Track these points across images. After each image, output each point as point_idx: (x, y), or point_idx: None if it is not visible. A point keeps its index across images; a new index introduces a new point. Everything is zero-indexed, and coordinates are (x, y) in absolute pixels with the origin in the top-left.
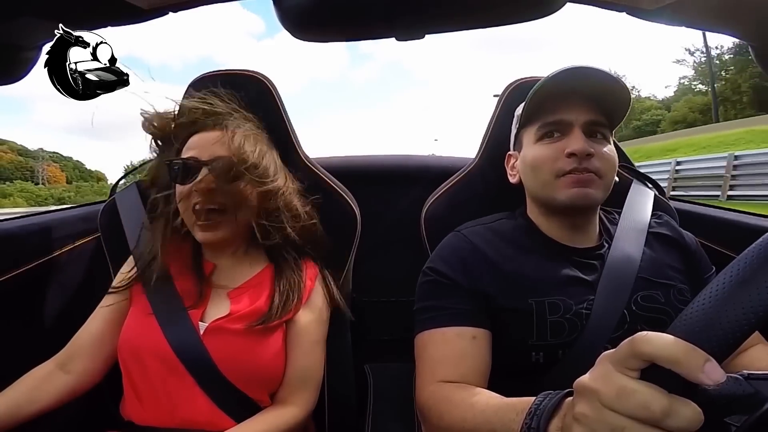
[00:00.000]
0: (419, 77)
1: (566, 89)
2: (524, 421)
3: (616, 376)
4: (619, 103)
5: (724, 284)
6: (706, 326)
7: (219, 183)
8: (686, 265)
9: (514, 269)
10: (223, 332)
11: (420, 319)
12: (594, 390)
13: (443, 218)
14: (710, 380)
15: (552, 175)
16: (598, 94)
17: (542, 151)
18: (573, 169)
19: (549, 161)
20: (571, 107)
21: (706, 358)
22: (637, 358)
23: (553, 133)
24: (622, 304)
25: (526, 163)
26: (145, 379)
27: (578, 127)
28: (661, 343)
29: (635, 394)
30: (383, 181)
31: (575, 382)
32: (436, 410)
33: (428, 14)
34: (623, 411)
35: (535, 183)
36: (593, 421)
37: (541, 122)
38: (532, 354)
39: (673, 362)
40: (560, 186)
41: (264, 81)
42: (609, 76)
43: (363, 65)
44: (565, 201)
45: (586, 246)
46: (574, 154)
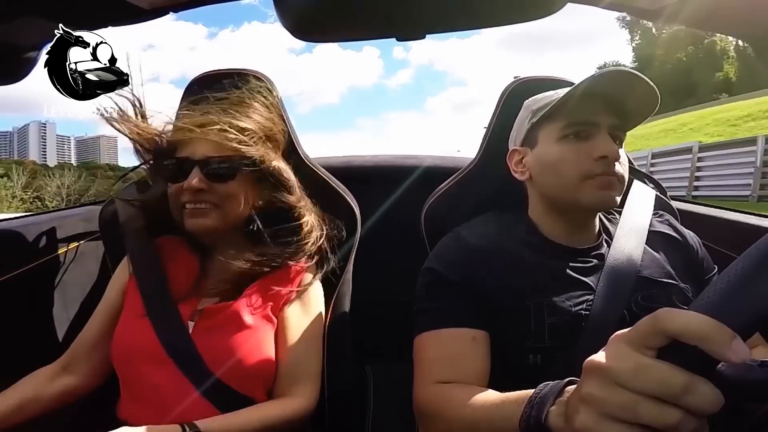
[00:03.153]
0: (455, 77)
1: (601, 92)
2: (524, 410)
3: (632, 354)
4: (642, 110)
5: (751, 261)
6: (730, 303)
7: (210, 183)
8: (688, 264)
9: (512, 270)
10: (212, 331)
11: (419, 320)
12: (608, 368)
13: (443, 218)
14: (737, 357)
15: (578, 176)
16: (624, 99)
17: (567, 151)
18: (603, 172)
19: (575, 162)
20: (598, 109)
21: (732, 334)
22: (659, 335)
23: (580, 133)
24: (622, 304)
25: (546, 161)
26: (139, 380)
27: (605, 129)
28: (688, 319)
29: (654, 370)
30: (383, 181)
31: (585, 362)
32: (435, 410)
33: (428, 14)
34: (639, 388)
35: (555, 183)
36: (603, 400)
37: (567, 121)
38: (530, 356)
39: (700, 338)
40: (586, 188)
41: (264, 81)
42: (646, 83)
43: (397, 72)
44: (590, 203)
45: (585, 246)
46: (606, 157)
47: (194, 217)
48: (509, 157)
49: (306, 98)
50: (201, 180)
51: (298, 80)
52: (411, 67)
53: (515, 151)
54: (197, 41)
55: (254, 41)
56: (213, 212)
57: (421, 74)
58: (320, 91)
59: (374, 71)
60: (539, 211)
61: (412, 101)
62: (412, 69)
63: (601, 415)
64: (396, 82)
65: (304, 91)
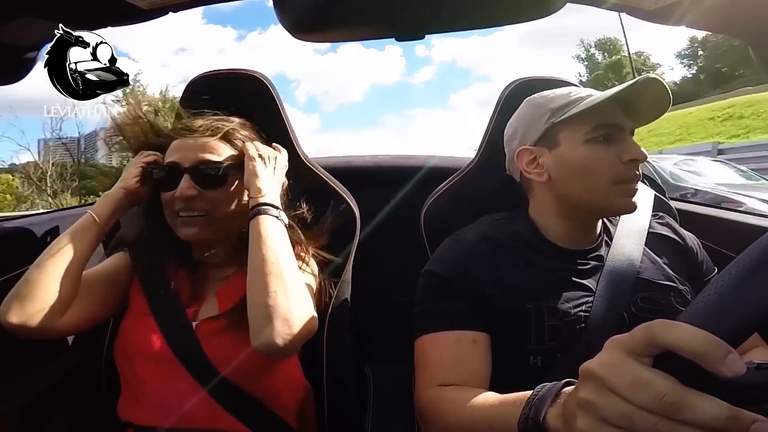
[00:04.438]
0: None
1: (627, 96)
2: (522, 412)
3: (628, 363)
4: (653, 113)
5: (737, 270)
6: (719, 314)
7: (200, 189)
8: (687, 266)
9: (512, 272)
10: (214, 330)
11: (419, 322)
12: (603, 377)
13: (443, 218)
14: (731, 372)
15: (610, 180)
16: (639, 102)
17: (596, 154)
18: (633, 176)
19: (606, 166)
20: (619, 112)
21: (727, 349)
22: (653, 347)
23: (609, 136)
24: (621, 306)
25: (572, 163)
26: (142, 379)
27: (629, 132)
28: (682, 333)
29: (650, 385)
30: (383, 181)
31: (581, 367)
32: (436, 412)
33: (427, 14)
34: (635, 402)
35: (582, 186)
36: (600, 407)
37: (595, 123)
38: (530, 358)
39: (694, 353)
40: (617, 193)
41: (263, 81)
42: (666, 89)
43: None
44: (619, 208)
45: (585, 248)
46: (636, 160)
47: (187, 226)
48: (518, 156)
49: (331, 97)
50: (191, 187)
51: (324, 80)
52: (434, 64)
53: (526, 151)
54: (226, 44)
55: (281, 43)
56: (206, 221)
57: (445, 71)
58: (345, 89)
59: (397, 69)
60: (547, 213)
61: (435, 98)
62: (434, 66)
63: (599, 420)
64: (419, 79)
65: (329, 90)
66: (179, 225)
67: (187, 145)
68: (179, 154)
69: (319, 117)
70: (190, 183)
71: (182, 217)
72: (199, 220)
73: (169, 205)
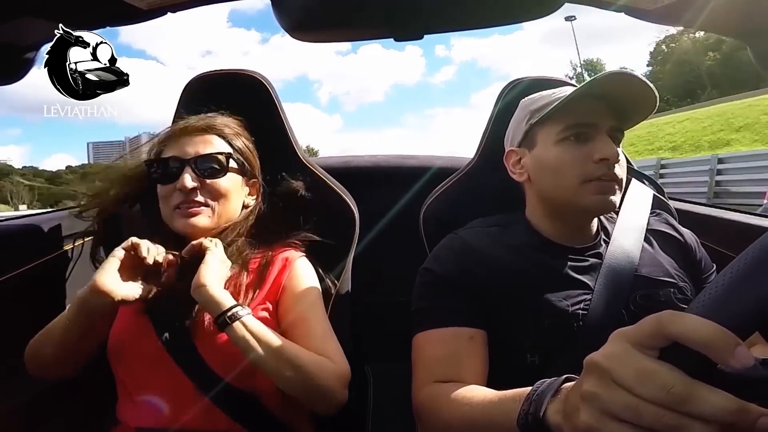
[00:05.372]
0: (500, 73)
1: (600, 93)
2: (522, 407)
3: (634, 355)
4: (640, 111)
5: (744, 263)
6: (729, 302)
7: (202, 180)
8: (686, 263)
9: (510, 270)
10: (209, 330)
11: (417, 319)
12: (608, 368)
13: (442, 217)
14: (740, 364)
15: (578, 179)
16: (623, 100)
17: (567, 154)
18: (603, 175)
19: (576, 165)
20: (597, 110)
21: (736, 341)
22: (661, 338)
23: (580, 135)
24: (620, 303)
25: (545, 163)
26: (136, 379)
27: (604, 131)
28: (691, 324)
29: (657, 376)
30: (383, 181)
31: (586, 359)
32: (433, 409)
33: (426, 14)
34: (642, 394)
35: (554, 185)
36: (605, 399)
37: (567, 122)
38: (528, 356)
39: (704, 345)
40: (586, 192)
41: (262, 81)
42: (645, 84)
43: (440, 68)
44: (590, 207)
45: (583, 245)
46: (606, 159)
47: (187, 216)
48: (506, 157)
49: (352, 97)
50: (193, 178)
51: (345, 80)
52: (454, 64)
53: (512, 152)
54: (250, 46)
55: (303, 45)
56: (207, 210)
57: (465, 70)
58: (366, 90)
59: (417, 69)
60: (537, 212)
61: (456, 97)
62: (455, 66)
63: (604, 413)
64: (440, 79)
65: (350, 91)
66: (177, 217)
67: (186, 141)
68: (179, 149)
69: (341, 117)
70: (192, 174)
71: (181, 209)
72: (197, 211)
73: (167, 199)
